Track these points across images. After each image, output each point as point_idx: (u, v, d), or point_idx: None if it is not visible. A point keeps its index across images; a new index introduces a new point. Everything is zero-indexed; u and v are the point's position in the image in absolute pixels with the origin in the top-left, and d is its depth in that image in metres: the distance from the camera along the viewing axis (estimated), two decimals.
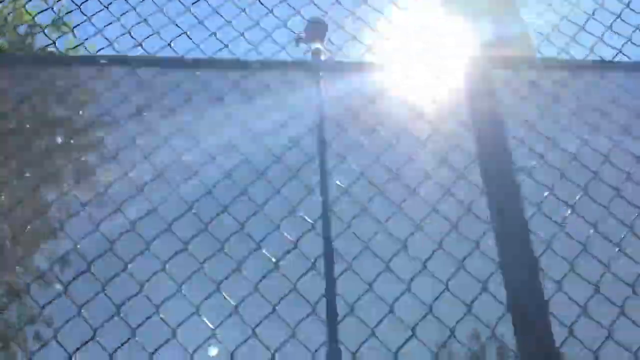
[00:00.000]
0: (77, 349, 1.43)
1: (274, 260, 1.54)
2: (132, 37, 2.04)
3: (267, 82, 1.96)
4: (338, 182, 1.70)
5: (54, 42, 2.05)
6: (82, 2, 2.14)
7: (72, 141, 2.24)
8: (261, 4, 2.17)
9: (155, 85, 1.94)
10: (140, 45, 2.04)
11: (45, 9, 2.15)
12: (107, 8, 2.14)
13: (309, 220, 1.64)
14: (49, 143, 2.64)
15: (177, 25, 2.10)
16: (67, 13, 2.15)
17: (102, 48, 2.01)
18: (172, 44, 2.04)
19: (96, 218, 1.67)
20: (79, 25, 2.08)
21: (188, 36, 2.06)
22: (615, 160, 1.83)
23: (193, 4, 2.16)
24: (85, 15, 2.11)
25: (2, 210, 2.16)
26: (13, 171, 2.14)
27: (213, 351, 1.45)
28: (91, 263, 1.57)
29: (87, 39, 2.04)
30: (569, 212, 1.70)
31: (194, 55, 2.02)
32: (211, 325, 1.44)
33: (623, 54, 2.13)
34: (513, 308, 1.51)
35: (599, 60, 2.05)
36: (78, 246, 1.61)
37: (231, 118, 1.89)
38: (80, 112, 2.11)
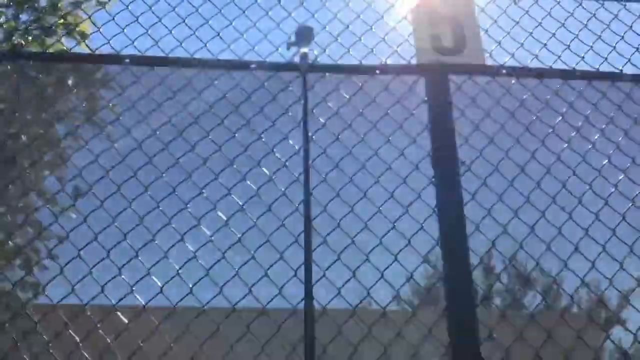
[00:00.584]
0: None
1: (266, 235, 2.03)
2: (151, 37, 2.43)
3: (262, 81, 2.38)
4: (321, 174, 2.16)
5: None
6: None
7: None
8: (259, 7, 2.55)
9: (170, 82, 2.35)
10: (157, 44, 2.43)
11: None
12: (128, 9, 2.51)
13: (294, 203, 2.12)
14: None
15: (188, 27, 2.48)
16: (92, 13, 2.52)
17: (125, 47, 2.40)
18: (183, 44, 2.43)
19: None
20: (104, 25, 2.45)
21: (198, 37, 2.45)
22: (542, 159, 2.29)
23: (200, 6, 2.54)
24: (110, 14, 2.48)
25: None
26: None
27: None
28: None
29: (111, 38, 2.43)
30: (497, 201, 2.18)
31: (203, 54, 2.42)
32: (219, 284, 1.94)
33: (562, 61, 2.55)
34: (446, 276, 2.01)
35: (539, 68, 2.46)
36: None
37: (233, 113, 2.32)
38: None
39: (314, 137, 2.29)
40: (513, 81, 2.44)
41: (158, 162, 2.23)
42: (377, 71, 2.41)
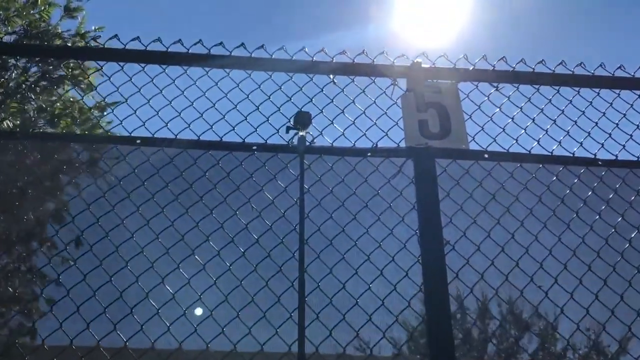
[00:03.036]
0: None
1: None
2: (161, 119, 2.64)
3: (264, 160, 2.59)
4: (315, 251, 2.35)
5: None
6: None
7: None
8: (262, 92, 2.77)
9: (178, 163, 2.55)
10: (167, 126, 2.64)
11: None
12: (140, 91, 2.73)
13: (289, 279, 2.29)
14: None
15: (196, 109, 2.70)
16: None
17: (135, 129, 2.60)
18: (191, 126, 2.64)
19: None
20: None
21: (205, 121, 2.66)
22: (520, 238, 2.48)
23: (207, 90, 2.76)
24: (124, 97, 2.71)
25: None
26: None
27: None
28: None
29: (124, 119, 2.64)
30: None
31: (209, 136, 2.63)
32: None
33: (540, 145, 2.75)
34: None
35: (514, 152, 2.66)
36: None
37: (237, 190, 2.52)
38: None
39: (309, 214, 2.48)
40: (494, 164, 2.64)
41: (165, 235, 2.42)
42: (369, 154, 2.62)
